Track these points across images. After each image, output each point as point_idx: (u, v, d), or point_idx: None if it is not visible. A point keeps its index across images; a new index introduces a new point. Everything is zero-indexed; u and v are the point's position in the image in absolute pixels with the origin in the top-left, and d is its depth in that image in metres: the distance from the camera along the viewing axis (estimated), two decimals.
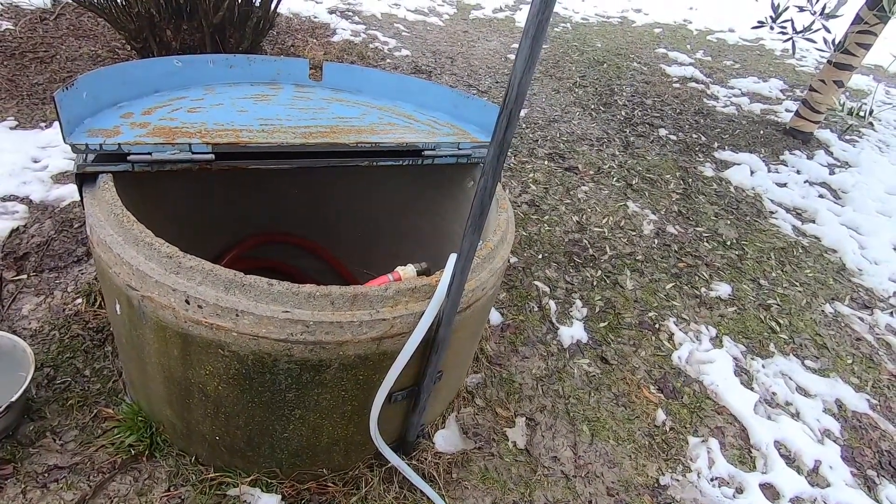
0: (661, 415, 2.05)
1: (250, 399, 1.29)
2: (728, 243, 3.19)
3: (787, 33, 3.97)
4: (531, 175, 3.42)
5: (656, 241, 3.07)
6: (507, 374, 2.08)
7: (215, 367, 1.24)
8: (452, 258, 1.23)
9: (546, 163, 3.60)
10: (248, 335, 1.17)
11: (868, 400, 2.34)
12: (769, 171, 4.09)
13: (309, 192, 2.12)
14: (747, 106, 5.29)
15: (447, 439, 1.77)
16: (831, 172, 4.24)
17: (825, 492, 1.92)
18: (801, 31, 3.92)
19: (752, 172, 3.99)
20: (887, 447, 2.16)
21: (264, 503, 1.47)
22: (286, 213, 2.16)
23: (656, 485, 1.82)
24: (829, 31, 3.88)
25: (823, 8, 3.84)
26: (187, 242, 1.30)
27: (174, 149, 1.34)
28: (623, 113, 4.60)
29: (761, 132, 4.74)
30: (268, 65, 1.89)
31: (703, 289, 2.77)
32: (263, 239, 2.13)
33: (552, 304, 2.46)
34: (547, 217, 3.06)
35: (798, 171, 4.18)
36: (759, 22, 4.05)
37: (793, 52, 4.05)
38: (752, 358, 2.42)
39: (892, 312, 2.91)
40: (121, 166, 1.34)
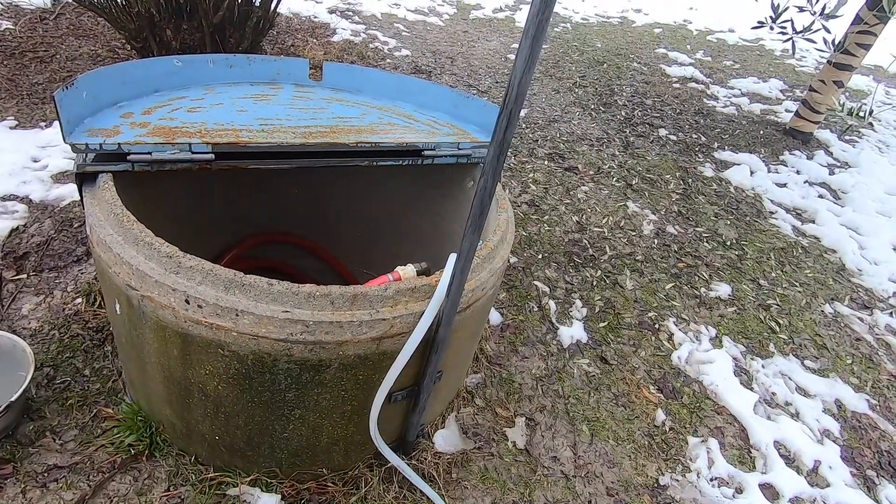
0: (660, 415, 2.05)
1: (250, 399, 1.29)
2: (728, 243, 3.19)
3: (786, 33, 3.97)
4: (531, 175, 3.42)
5: (656, 241, 3.07)
6: (506, 374, 2.08)
7: (215, 367, 1.24)
8: (452, 258, 1.24)
9: (546, 163, 3.60)
10: (248, 335, 1.17)
11: (868, 400, 2.34)
12: (769, 171, 4.10)
13: (309, 191, 2.12)
14: (747, 106, 5.29)
15: (447, 439, 1.77)
16: (831, 173, 4.24)
17: (825, 492, 1.92)
18: (800, 32, 3.92)
19: (751, 173, 3.99)
20: (887, 447, 2.16)
21: (264, 503, 1.47)
22: (286, 213, 2.16)
23: (656, 485, 1.82)
24: (828, 31, 3.88)
25: (823, 8, 3.84)
26: (187, 242, 1.30)
27: (174, 148, 1.35)
28: (623, 113, 4.61)
29: (761, 132, 4.74)
30: (268, 65, 1.89)
31: (702, 289, 2.77)
32: (263, 239, 2.13)
33: (552, 304, 2.46)
34: (547, 217, 3.06)
35: (798, 172, 4.19)
36: (759, 22, 4.05)
37: (793, 52, 4.05)
38: (752, 358, 2.42)
39: (891, 313, 2.91)
40: (121, 166, 1.34)
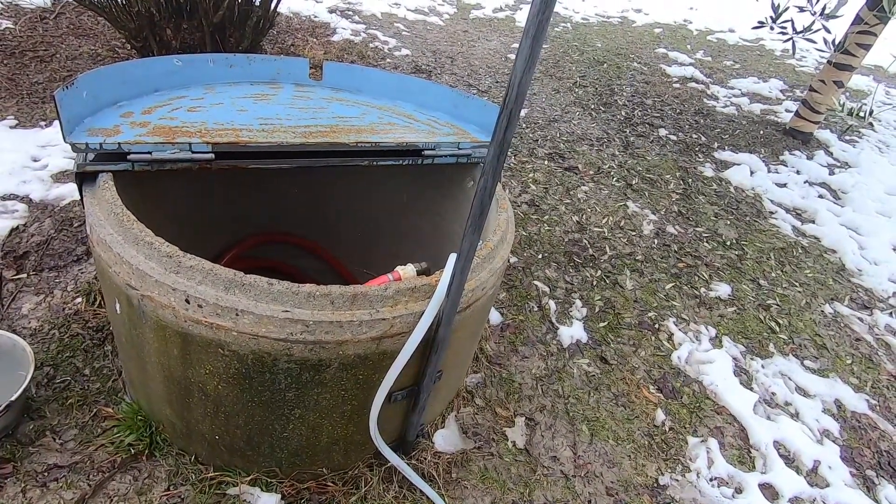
0: (660, 415, 2.05)
1: (250, 398, 1.29)
2: (728, 243, 3.19)
3: (787, 33, 3.97)
4: (531, 175, 3.42)
5: (656, 241, 3.07)
6: (506, 373, 2.08)
7: (215, 367, 1.24)
8: (452, 258, 1.24)
9: (546, 163, 3.60)
10: (248, 334, 1.17)
11: (867, 400, 2.34)
12: (769, 171, 4.10)
13: (309, 191, 2.12)
14: (747, 106, 5.29)
15: (447, 439, 1.77)
16: (831, 173, 4.24)
17: (824, 492, 1.92)
18: (801, 32, 3.92)
19: (751, 173, 3.99)
20: (886, 447, 2.16)
21: (264, 502, 1.47)
22: (286, 213, 2.16)
23: (655, 485, 1.82)
24: (829, 31, 3.88)
25: (823, 8, 3.84)
26: (187, 242, 1.30)
27: (174, 148, 1.35)
28: (623, 113, 4.61)
29: (761, 132, 4.74)
30: (268, 64, 1.89)
31: (702, 289, 2.77)
32: (263, 238, 2.13)
33: (552, 303, 2.46)
34: (547, 217, 3.06)
35: (798, 172, 4.19)
36: (760, 22, 4.05)
37: (793, 52, 4.05)
38: (752, 358, 2.42)
39: (891, 313, 2.91)
40: (121, 165, 1.34)
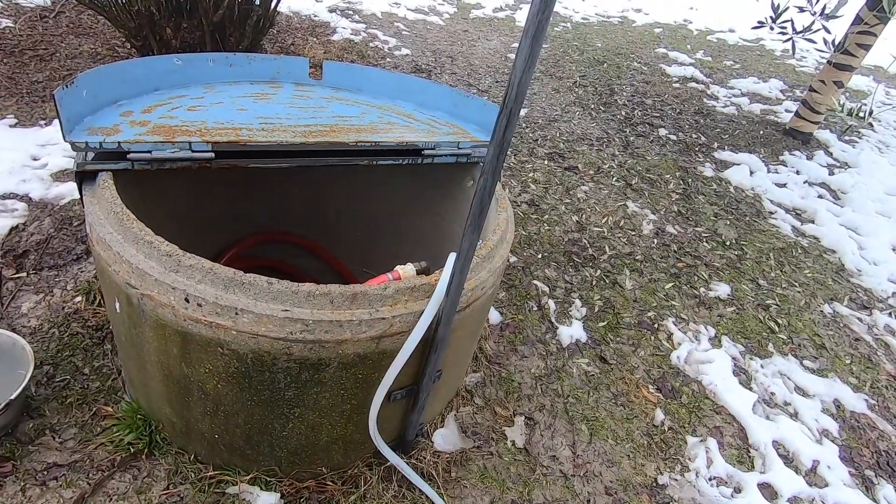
0: (659, 414, 2.05)
1: (249, 397, 1.29)
2: (727, 243, 3.19)
3: (786, 33, 3.97)
4: (531, 174, 3.42)
5: (656, 240, 3.07)
6: (506, 373, 2.08)
7: (214, 366, 1.24)
8: (452, 257, 1.24)
9: (546, 162, 3.60)
10: (248, 333, 1.17)
11: (866, 400, 2.34)
12: (769, 171, 4.10)
13: (309, 191, 2.12)
14: (747, 106, 5.29)
15: (446, 438, 1.77)
16: (831, 173, 4.24)
17: (823, 491, 1.93)
18: (800, 32, 3.92)
19: (751, 173, 4.00)
20: (885, 447, 2.16)
21: (263, 501, 1.48)
22: (286, 213, 2.16)
23: (655, 484, 1.82)
24: (828, 31, 3.87)
25: (823, 8, 3.84)
26: (187, 241, 1.30)
27: (174, 147, 1.35)
28: (623, 113, 4.61)
29: (761, 132, 4.74)
30: (268, 63, 1.89)
31: (702, 289, 2.78)
32: (263, 238, 2.13)
33: (551, 303, 2.46)
34: (546, 217, 3.06)
35: (797, 172, 4.19)
36: (759, 22, 4.05)
37: (793, 52, 4.05)
38: (751, 358, 2.42)
39: (890, 313, 2.91)
40: (120, 164, 1.34)
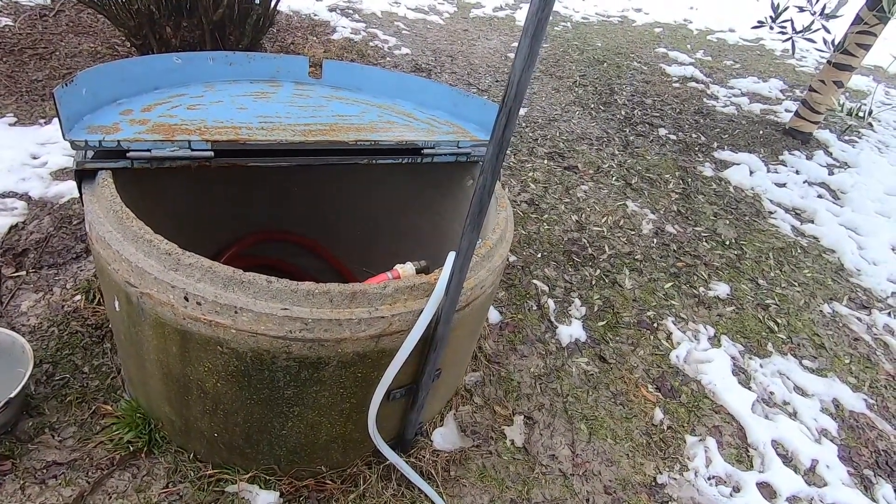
0: (658, 414, 2.06)
1: (249, 396, 1.29)
2: (727, 243, 3.19)
3: (786, 33, 3.97)
4: (531, 174, 3.42)
5: (655, 240, 3.07)
6: (505, 372, 2.08)
7: (214, 364, 1.24)
8: (451, 256, 1.24)
9: (546, 162, 3.60)
10: (247, 332, 1.17)
11: (865, 400, 2.35)
12: (768, 171, 4.10)
13: (308, 190, 2.12)
14: (747, 106, 5.29)
15: (445, 437, 1.77)
16: (830, 173, 4.24)
17: (822, 491, 1.93)
18: (800, 31, 3.92)
19: (751, 172, 4.00)
20: (884, 447, 2.16)
21: (262, 500, 1.48)
22: (286, 211, 2.16)
23: (654, 483, 1.82)
24: (828, 31, 3.87)
25: (823, 8, 3.84)
26: (186, 240, 1.30)
27: (173, 146, 1.35)
28: (623, 112, 4.61)
29: (761, 132, 4.74)
30: (267, 62, 1.89)
31: (701, 288, 2.78)
32: (263, 237, 2.13)
33: (551, 302, 2.46)
34: (546, 216, 3.06)
35: (797, 172, 4.19)
36: (759, 22, 4.05)
37: (792, 52, 4.05)
38: (750, 357, 2.43)
39: (889, 313, 2.92)
40: (120, 163, 1.34)
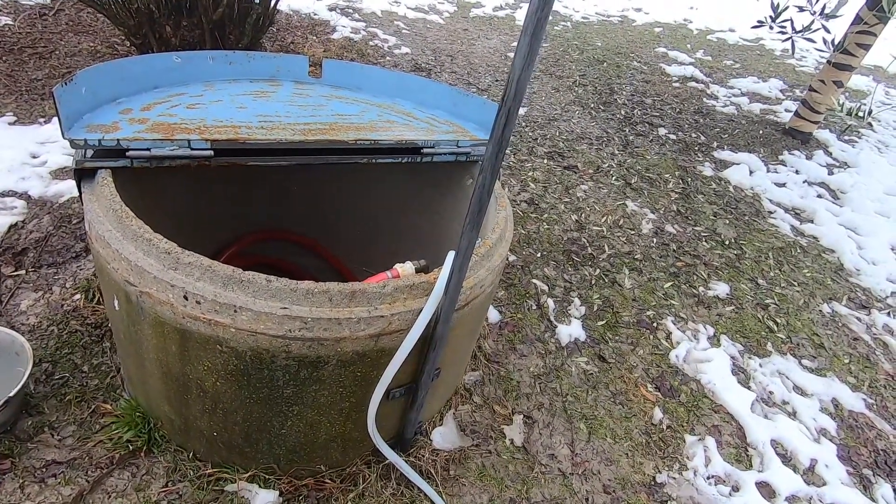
0: (658, 413, 2.06)
1: (248, 395, 1.29)
2: (726, 243, 3.19)
3: (786, 33, 3.97)
4: (530, 173, 3.42)
5: (655, 240, 3.07)
6: (505, 371, 2.08)
7: (213, 363, 1.24)
8: (451, 256, 1.24)
9: (545, 161, 3.60)
10: (246, 331, 1.17)
11: (864, 399, 2.35)
12: (768, 170, 4.10)
13: (308, 189, 2.12)
14: (747, 106, 5.29)
15: (445, 436, 1.77)
16: (830, 173, 4.24)
17: (821, 490, 1.93)
18: (800, 31, 3.92)
19: (750, 172, 4.00)
20: (883, 446, 2.16)
21: (262, 499, 1.48)
22: (286, 211, 2.16)
23: (653, 483, 1.82)
24: (828, 31, 3.87)
25: (823, 8, 3.84)
26: (186, 239, 1.30)
27: (173, 145, 1.35)
28: (623, 112, 4.61)
29: (760, 132, 4.74)
30: (267, 62, 1.89)
31: (701, 288, 2.78)
32: (263, 236, 2.13)
33: (550, 302, 2.46)
34: (546, 215, 3.06)
35: (797, 171, 4.19)
36: (759, 21, 4.05)
37: (792, 51, 4.05)
38: (750, 357, 2.43)
39: (889, 312, 2.92)
40: (119, 162, 1.34)
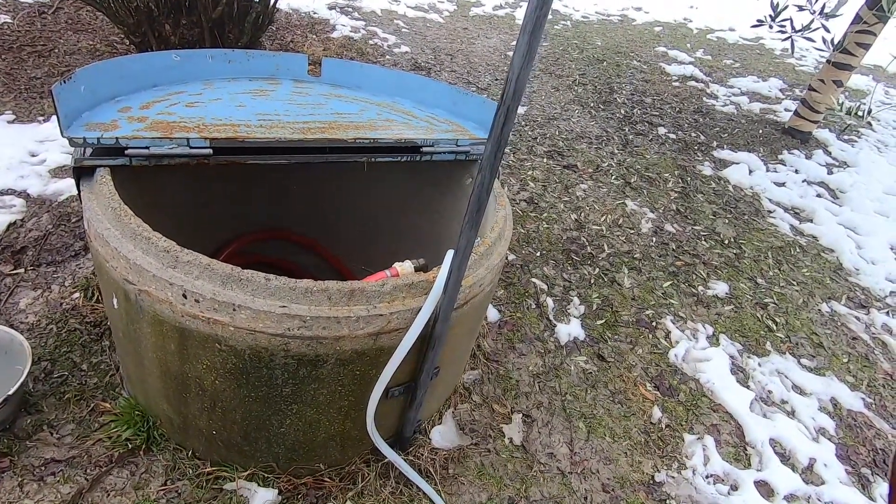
0: (657, 412, 2.06)
1: (247, 394, 1.29)
2: (726, 242, 3.20)
3: (785, 32, 3.97)
4: (530, 172, 3.42)
5: (654, 239, 3.07)
6: (504, 370, 2.08)
7: (212, 362, 1.24)
8: (449, 254, 1.24)
9: (545, 160, 3.60)
10: (245, 330, 1.17)
11: (863, 399, 2.35)
12: (767, 170, 4.10)
13: (307, 188, 2.12)
14: (746, 105, 5.29)
15: (444, 435, 1.77)
16: (829, 172, 4.25)
17: (819, 489, 1.93)
18: (800, 30, 3.92)
19: (750, 171, 4.00)
20: (882, 445, 2.17)
21: (261, 497, 1.48)
22: (285, 210, 2.16)
23: (652, 481, 1.82)
24: (828, 30, 3.87)
25: (823, 7, 3.83)
26: (185, 238, 1.30)
27: (172, 143, 1.34)
28: (622, 111, 4.60)
29: (760, 131, 4.74)
30: (266, 60, 1.89)
31: (700, 287, 2.78)
32: (262, 235, 2.13)
33: (550, 301, 2.46)
34: (545, 214, 3.06)
35: (796, 171, 4.19)
36: (758, 20, 4.04)
37: (792, 51, 4.05)
38: (749, 356, 2.43)
39: (888, 312, 2.92)
40: (118, 160, 1.34)
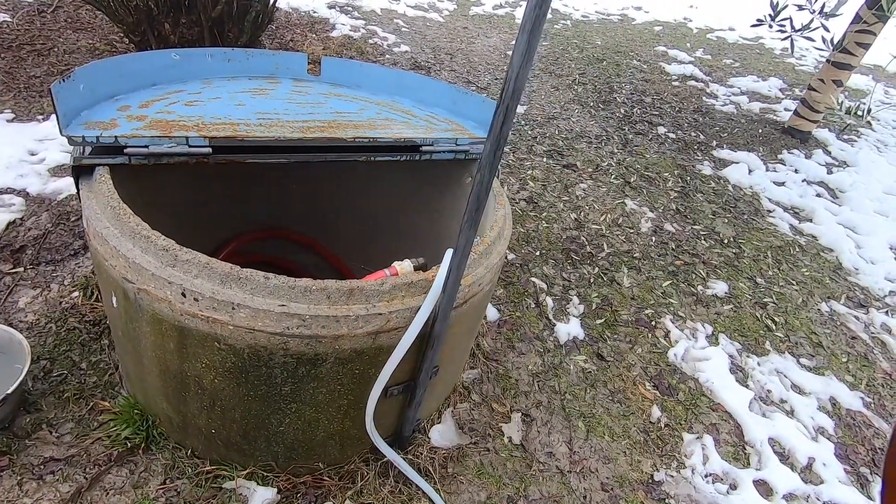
0: (656, 411, 2.06)
1: (246, 392, 1.29)
2: (725, 241, 3.20)
3: (785, 32, 3.97)
4: (529, 172, 3.42)
5: (654, 238, 3.07)
6: (503, 369, 2.09)
7: (211, 361, 1.24)
8: (449, 253, 1.24)
9: (544, 160, 3.60)
10: (245, 328, 1.17)
11: (862, 398, 2.35)
12: (767, 169, 4.10)
13: (307, 187, 2.12)
14: (746, 105, 5.29)
15: (443, 434, 1.77)
16: (829, 172, 4.25)
17: (818, 488, 1.93)
18: (799, 30, 3.92)
19: (750, 171, 4.00)
20: (881, 445, 2.17)
21: (260, 496, 1.48)
22: (285, 209, 2.16)
23: (651, 481, 1.83)
24: (827, 30, 3.87)
25: (822, 7, 3.83)
26: (185, 236, 1.30)
27: (171, 142, 1.34)
28: (622, 111, 4.60)
29: (760, 131, 4.74)
30: (266, 59, 1.89)
31: (699, 286, 2.78)
32: (261, 234, 2.13)
33: (549, 300, 2.46)
34: (545, 214, 3.06)
35: (796, 171, 4.19)
36: (758, 20, 4.04)
37: (791, 50, 4.05)
38: (748, 356, 2.43)
39: (887, 311, 2.92)
40: (118, 159, 1.34)
